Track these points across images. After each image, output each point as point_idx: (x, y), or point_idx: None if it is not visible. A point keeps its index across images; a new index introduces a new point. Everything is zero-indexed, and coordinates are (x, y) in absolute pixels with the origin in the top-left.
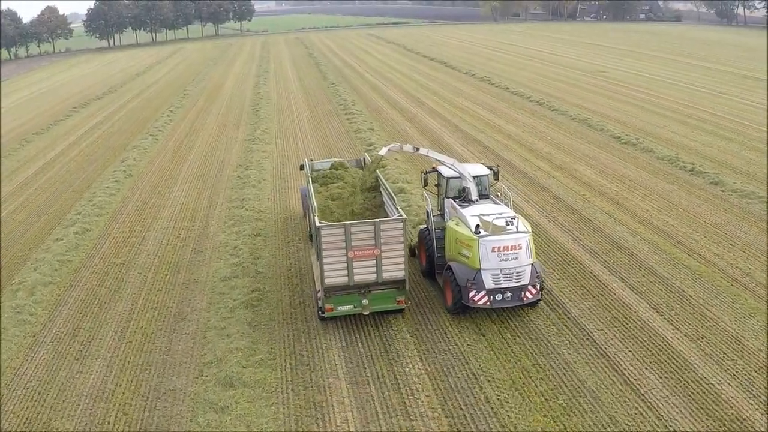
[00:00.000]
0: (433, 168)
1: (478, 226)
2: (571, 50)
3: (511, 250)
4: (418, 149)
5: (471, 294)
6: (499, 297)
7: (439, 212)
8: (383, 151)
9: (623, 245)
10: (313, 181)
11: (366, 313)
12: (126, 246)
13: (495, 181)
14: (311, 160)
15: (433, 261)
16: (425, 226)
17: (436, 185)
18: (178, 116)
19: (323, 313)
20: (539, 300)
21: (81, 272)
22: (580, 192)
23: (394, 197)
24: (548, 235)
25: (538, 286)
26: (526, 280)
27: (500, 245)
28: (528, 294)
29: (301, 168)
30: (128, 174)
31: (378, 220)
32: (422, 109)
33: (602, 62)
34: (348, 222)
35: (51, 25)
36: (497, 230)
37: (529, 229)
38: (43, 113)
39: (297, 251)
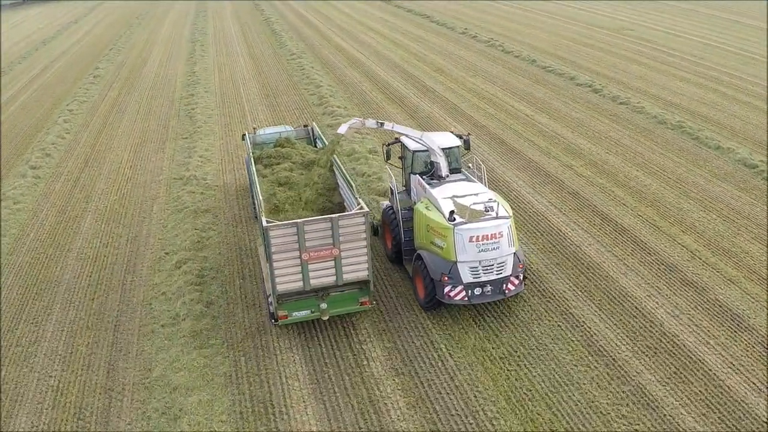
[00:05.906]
0: (396, 139)
1: (452, 212)
2: None
3: (492, 239)
4: (382, 124)
5: (446, 289)
6: (478, 291)
7: (404, 189)
8: (343, 129)
9: None
10: (255, 162)
11: (325, 318)
12: None
13: (466, 151)
14: (255, 128)
15: (399, 246)
16: (389, 204)
17: (400, 158)
18: (79, 121)
19: (276, 321)
20: (521, 291)
21: None
22: None
23: (353, 184)
24: None
25: (521, 276)
26: (508, 271)
27: (479, 234)
28: (510, 286)
29: (243, 138)
30: None
31: (336, 215)
32: (434, 101)
33: (616, 13)
34: (300, 220)
35: None
36: (474, 216)
37: (510, 214)
38: None
39: None
